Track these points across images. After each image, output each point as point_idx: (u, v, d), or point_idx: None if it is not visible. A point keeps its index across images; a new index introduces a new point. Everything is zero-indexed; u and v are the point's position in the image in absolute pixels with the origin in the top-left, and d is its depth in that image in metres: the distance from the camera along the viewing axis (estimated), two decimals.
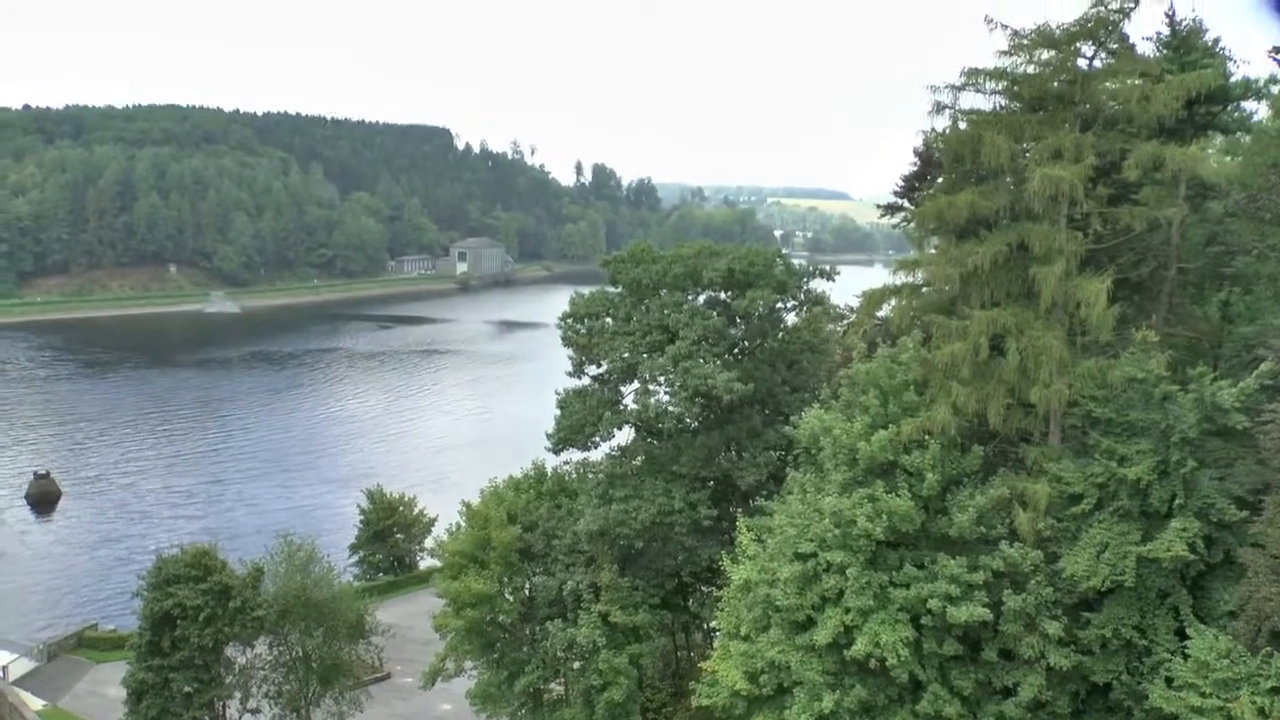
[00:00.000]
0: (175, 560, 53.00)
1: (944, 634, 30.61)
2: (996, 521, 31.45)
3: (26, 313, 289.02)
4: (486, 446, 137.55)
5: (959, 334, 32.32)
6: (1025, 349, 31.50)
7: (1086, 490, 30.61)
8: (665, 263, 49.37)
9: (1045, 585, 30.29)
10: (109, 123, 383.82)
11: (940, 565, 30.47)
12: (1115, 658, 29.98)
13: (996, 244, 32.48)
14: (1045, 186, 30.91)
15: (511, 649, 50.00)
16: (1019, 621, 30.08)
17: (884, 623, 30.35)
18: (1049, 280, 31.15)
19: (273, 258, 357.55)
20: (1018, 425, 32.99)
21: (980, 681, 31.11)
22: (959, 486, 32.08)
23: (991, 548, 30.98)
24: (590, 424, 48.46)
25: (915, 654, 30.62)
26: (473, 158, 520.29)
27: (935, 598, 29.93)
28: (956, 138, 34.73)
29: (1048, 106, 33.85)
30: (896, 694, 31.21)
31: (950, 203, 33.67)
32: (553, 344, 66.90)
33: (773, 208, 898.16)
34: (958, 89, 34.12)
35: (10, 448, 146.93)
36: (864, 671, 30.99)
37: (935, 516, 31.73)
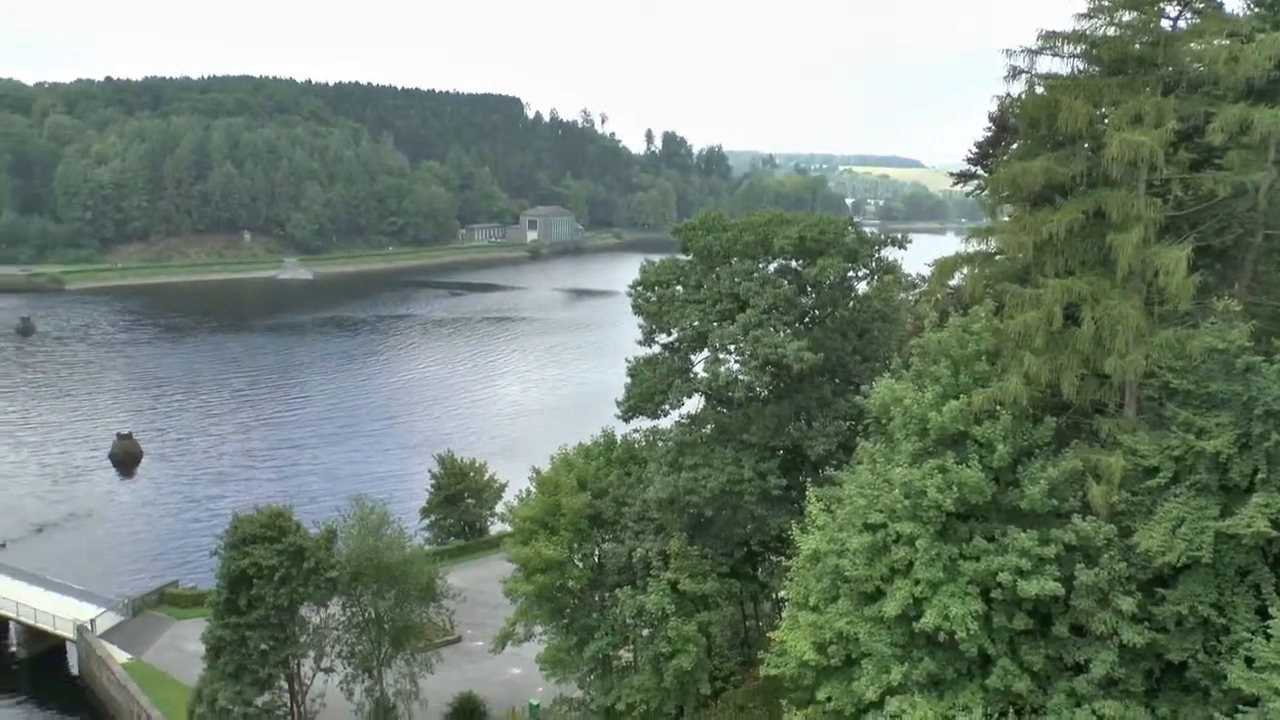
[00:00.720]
0: (251, 521, 53.84)
1: (1014, 608, 30.21)
2: (1069, 494, 30.91)
3: (108, 278, 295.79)
4: (556, 413, 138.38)
5: (1032, 303, 31.74)
6: (1100, 318, 30.83)
7: (1163, 463, 29.94)
8: (736, 231, 49.11)
9: (1119, 560, 29.67)
10: (185, 94, 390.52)
11: (1011, 538, 30.05)
12: (1191, 636, 29.30)
13: (1072, 211, 31.80)
14: (1124, 152, 30.13)
15: (581, 615, 50.34)
16: (1091, 597, 29.55)
17: (953, 595, 30.04)
18: (1126, 248, 30.44)
19: (344, 225, 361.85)
20: (1091, 396, 32.34)
21: (1051, 657, 30.69)
22: (1030, 458, 31.59)
23: (1063, 521, 30.47)
24: (660, 392, 48.51)
25: (985, 628, 30.29)
26: (543, 126, 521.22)
27: (1006, 571, 29.55)
28: (1032, 103, 34.02)
29: (1128, 70, 32.96)
30: (965, 668, 30.93)
31: (1025, 169, 33.01)
32: (623, 312, 66.95)
33: (844, 175, 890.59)
34: (1034, 53, 33.40)
35: (94, 408, 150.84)
36: (933, 644, 30.75)
37: (1006, 488, 31.31)
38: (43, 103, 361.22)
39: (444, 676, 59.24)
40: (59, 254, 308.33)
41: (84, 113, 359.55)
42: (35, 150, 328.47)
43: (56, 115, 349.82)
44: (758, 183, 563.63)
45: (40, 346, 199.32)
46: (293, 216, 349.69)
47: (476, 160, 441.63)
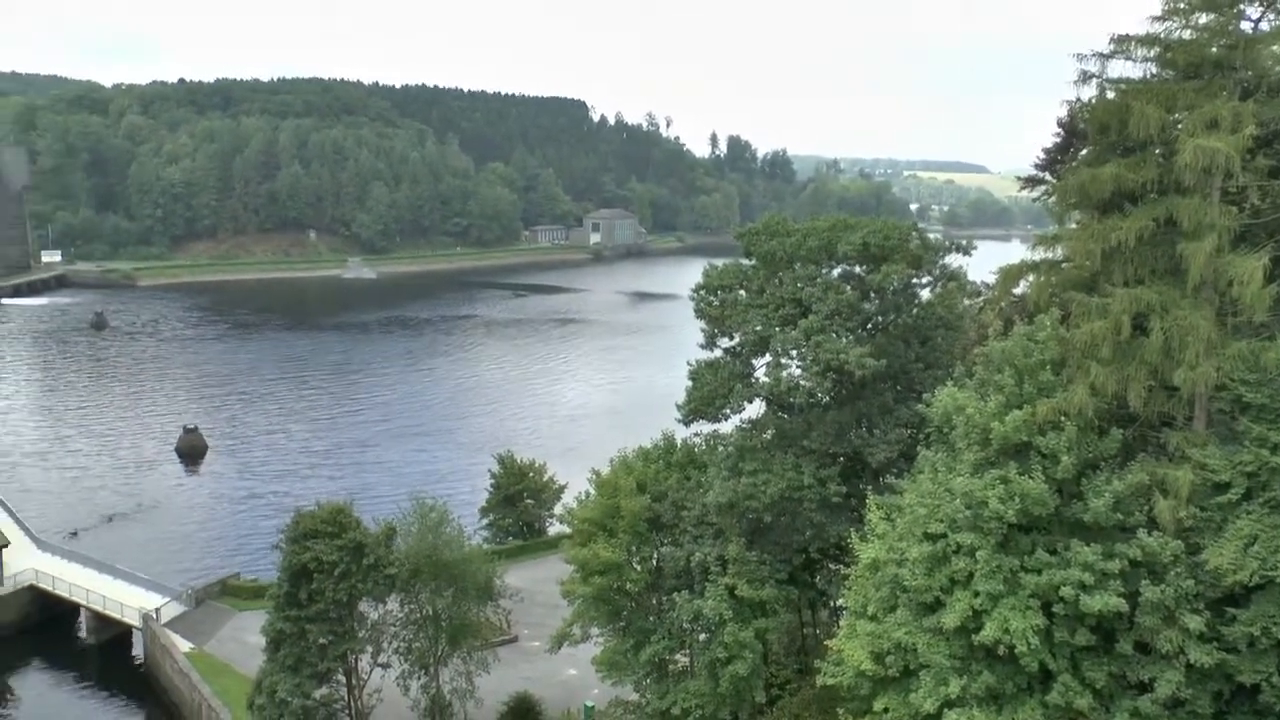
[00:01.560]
0: (312, 516, 54.35)
1: (1076, 623, 29.63)
2: (1135, 508, 30.27)
3: (177, 274, 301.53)
4: (616, 416, 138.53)
5: (1099, 312, 31.19)
6: (1170, 329, 30.20)
7: (1234, 479, 29.24)
8: (800, 235, 48.84)
9: (1186, 577, 28.95)
10: (255, 95, 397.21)
11: (1074, 552, 29.48)
12: (1264, 658, 28.43)
13: (1142, 219, 31.20)
14: (1198, 158, 29.47)
15: (638, 618, 50.30)
16: (1157, 614, 28.88)
17: (1014, 608, 29.56)
18: (1198, 257, 29.78)
19: (409, 226, 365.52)
20: (1160, 408, 31.67)
21: (1114, 674, 30.06)
22: (1095, 471, 31.00)
23: (1129, 536, 29.85)
24: (721, 396, 48.34)
25: (1046, 642, 29.77)
26: (608, 129, 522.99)
27: (1068, 585, 28.99)
28: (1103, 108, 33.44)
29: (1204, 74, 32.27)
30: (1025, 683, 30.42)
31: (1094, 176, 32.46)
32: (685, 315, 66.85)
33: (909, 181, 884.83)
34: (1105, 57, 32.84)
35: (162, 402, 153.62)
36: (992, 658, 30.29)
37: (1070, 501, 30.76)
38: (119, 104, 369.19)
39: (500, 675, 59.46)
40: (131, 251, 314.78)
41: (158, 113, 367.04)
42: (111, 150, 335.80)
43: (132, 116, 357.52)
44: (822, 187, 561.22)
45: (112, 341, 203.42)
46: (358, 216, 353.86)
47: (541, 162, 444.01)
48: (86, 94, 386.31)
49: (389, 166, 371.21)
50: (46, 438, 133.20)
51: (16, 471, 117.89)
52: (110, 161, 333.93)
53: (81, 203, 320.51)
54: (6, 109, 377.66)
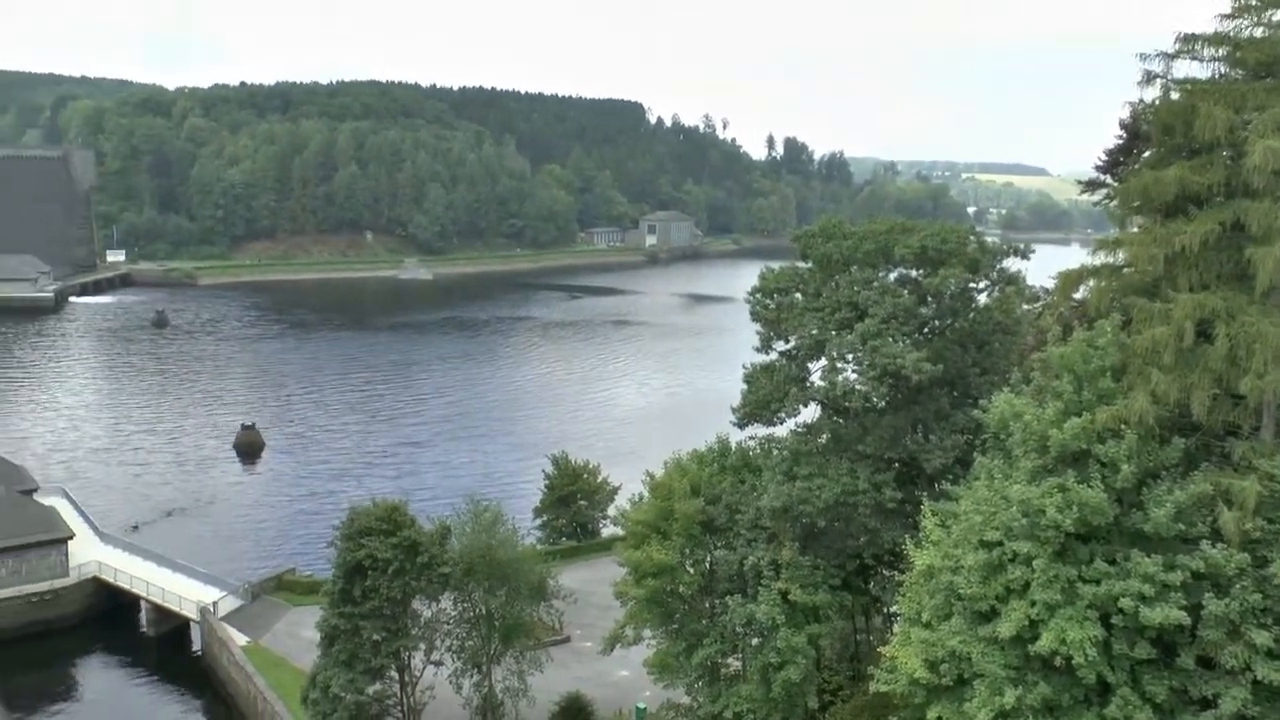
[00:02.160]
0: (367, 513, 54.84)
1: (1136, 635, 28.98)
2: (1198, 519, 29.56)
3: (237, 274, 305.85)
4: (671, 418, 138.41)
5: (1162, 318, 30.59)
6: (1236, 336, 29.53)
7: None
8: (856, 239, 48.51)
9: (1252, 591, 28.01)
10: (314, 98, 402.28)
11: (1134, 562, 28.85)
12: None
13: (1208, 223, 30.57)
14: (1268, 160, 28.77)
15: (690, 621, 50.20)
16: (1221, 628, 28.07)
17: (1071, 619, 29.03)
18: (1267, 262, 29.09)
19: (465, 227, 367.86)
20: (1224, 417, 30.92)
21: (1175, 689, 29.30)
22: (1157, 480, 30.36)
23: (1191, 547, 29.16)
24: (776, 400, 48.11)
25: (1104, 654, 29.20)
26: (664, 131, 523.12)
27: (1127, 596, 28.38)
28: (1167, 109, 32.81)
29: (1276, 73, 31.58)
30: (1083, 695, 29.86)
31: (1158, 178, 31.86)
32: (740, 318, 66.67)
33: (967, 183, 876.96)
34: (1171, 57, 32.20)
35: (220, 399, 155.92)
36: (1048, 668, 29.79)
37: (1129, 510, 30.17)
38: (182, 106, 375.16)
39: (552, 675, 59.58)
40: (192, 250, 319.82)
41: (219, 116, 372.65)
42: (174, 151, 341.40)
43: (194, 118, 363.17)
44: (879, 190, 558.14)
45: (173, 338, 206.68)
46: (415, 217, 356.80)
47: (597, 164, 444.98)
48: (151, 97, 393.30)
49: (446, 168, 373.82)
50: (109, 433, 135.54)
51: (81, 466, 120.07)
52: (173, 163, 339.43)
53: (145, 203, 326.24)
54: (76, 112, 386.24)
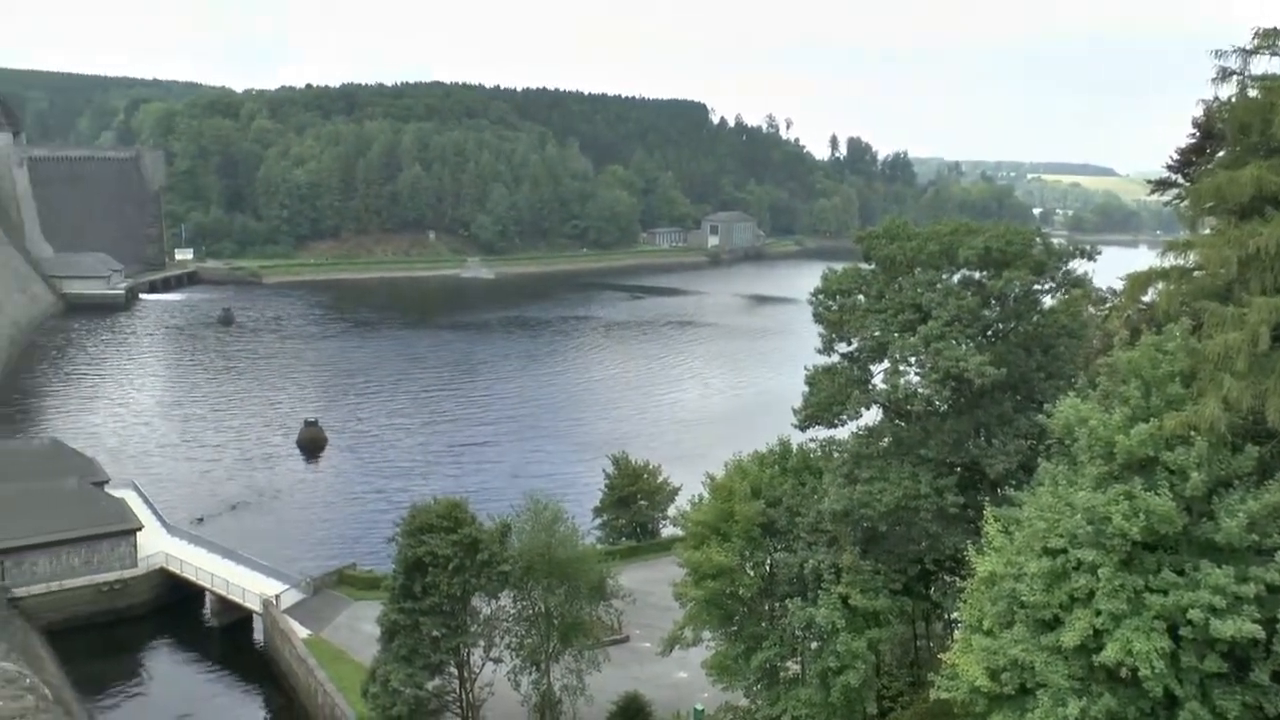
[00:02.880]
0: (428, 510, 55.30)
1: (1206, 648, 28.26)
2: (1273, 530, 28.79)
3: (301, 273, 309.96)
4: (731, 419, 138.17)
5: (1235, 322, 29.93)
6: None
7: None
8: (920, 240, 48.10)
9: None
10: (379, 99, 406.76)
11: (1204, 573, 28.18)
12: None
13: None
14: None
15: (750, 623, 50.03)
16: None
17: (1137, 630, 28.45)
18: None
19: (528, 227, 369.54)
20: None
21: (1249, 705, 28.50)
22: (1228, 489, 29.67)
23: (1265, 559, 28.41)
24: (838, 402, 47.84)
25: (1172, 666, 28.57)
26: (727, 132, 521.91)
27: (1197, 608, 27.70)
28: (1244, 106, 32.10)
29: None
30: (1149, 708, 29.23)
31: (1232, 178, 31.20)
32: (802, 319, 66.38)
33: (1032, 184, 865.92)
34: (1248, 53, 31.50)
35: (284, 395, 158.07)
36: (1113, 680, 29.22)
37: (1199, 520, 29.54)
38: (249, 108, 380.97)
39: (610, 675, 59.68)
40: (258, 249, 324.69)
41: (285, 117, 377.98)
42: (241, 152, 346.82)
43: (261, 120, 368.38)
44: (943, 190, 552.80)
45: (238, 336, 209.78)
46: (477, 218, 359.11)
47: (660, 165, 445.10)
48: (219, 100, 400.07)
49: (509, 168, 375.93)
50: (177, 428, 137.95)
51: (150, 460, 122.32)
52: (240, 163, 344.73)
53: (213, 203, 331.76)
54: (148, 115, 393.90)
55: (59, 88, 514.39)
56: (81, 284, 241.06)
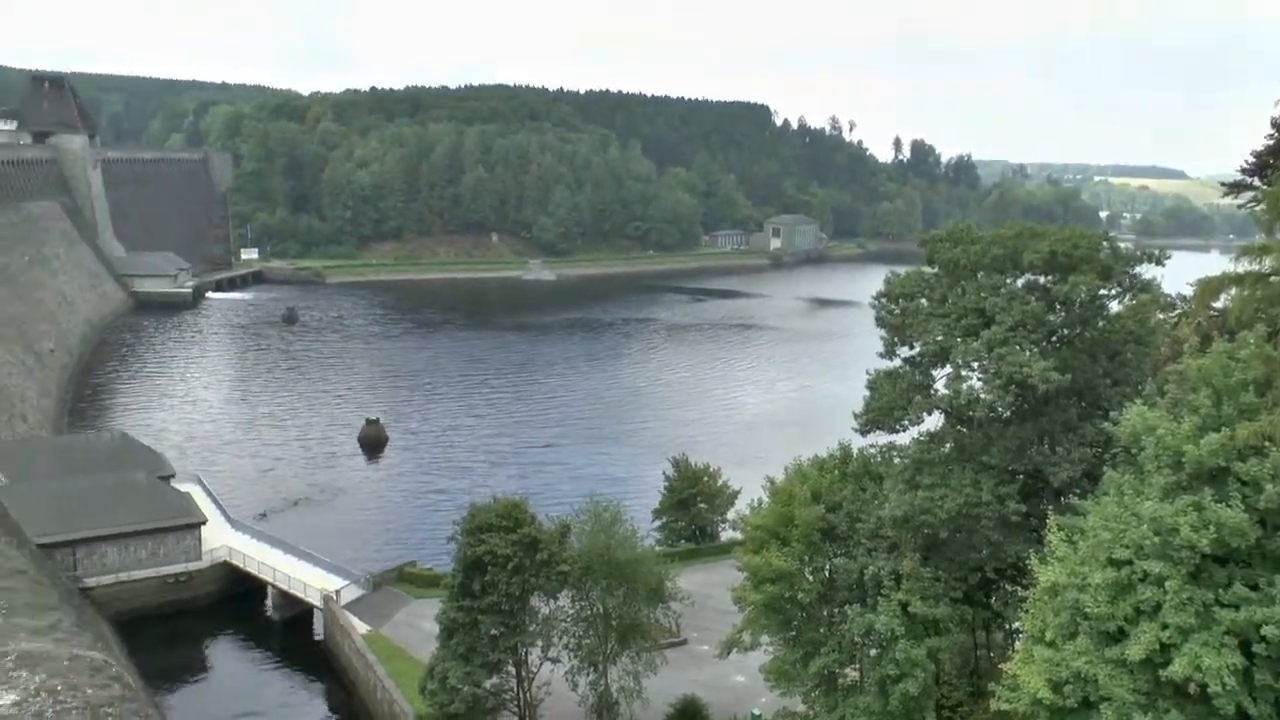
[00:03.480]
0: (488, 510, 55.58)
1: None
2: None
3: (363, 273, 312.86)
4: (792, 423, 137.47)
5: None
6: None
7: None
8: (984, 243, 47.61)
9: None
10: (443, 102, 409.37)
11: (1278, 588, 27.65)
12: None
13: None
14: None
15: (808, 629, 49.77)
16: None
17: (1207, 645, 27.83)
18: None
19: (589, 229, 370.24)
20: None
21: None
22: None
23: None
24: (899, 407, 47.49)
25: (1244, 683, 27.85)
26: (790, 134, 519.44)
27: (1271, 624, 27.05)
28: None
29: None
30: None
31: None
32: (864, 323, 65.88)
33: (1099, 187, 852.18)
34: None
35: (346, 394, 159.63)
36: (1181, 695, 28.60)
37: (1273, 533, 28.86)
38: (315, 111, 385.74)
39: (667, 677, 59.60)
40: (321, 250, 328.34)
41: (350, 120, 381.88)
42: (306, 154, 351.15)
43: (326, 123, 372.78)
44: (1007, 193, 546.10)
45: (302, 335, 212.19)
46: (539, 219, 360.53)
47: (723, 167, 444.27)
48: (286, 103, 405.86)
49: (571, 171, 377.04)
50: (241, 424, 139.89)
51: (214, 455, 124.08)
52: (305, 165, 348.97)
53: (278, 204, 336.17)
54: (216, 117, 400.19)
55: (134, 92, 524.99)
56: (150, 282, 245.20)
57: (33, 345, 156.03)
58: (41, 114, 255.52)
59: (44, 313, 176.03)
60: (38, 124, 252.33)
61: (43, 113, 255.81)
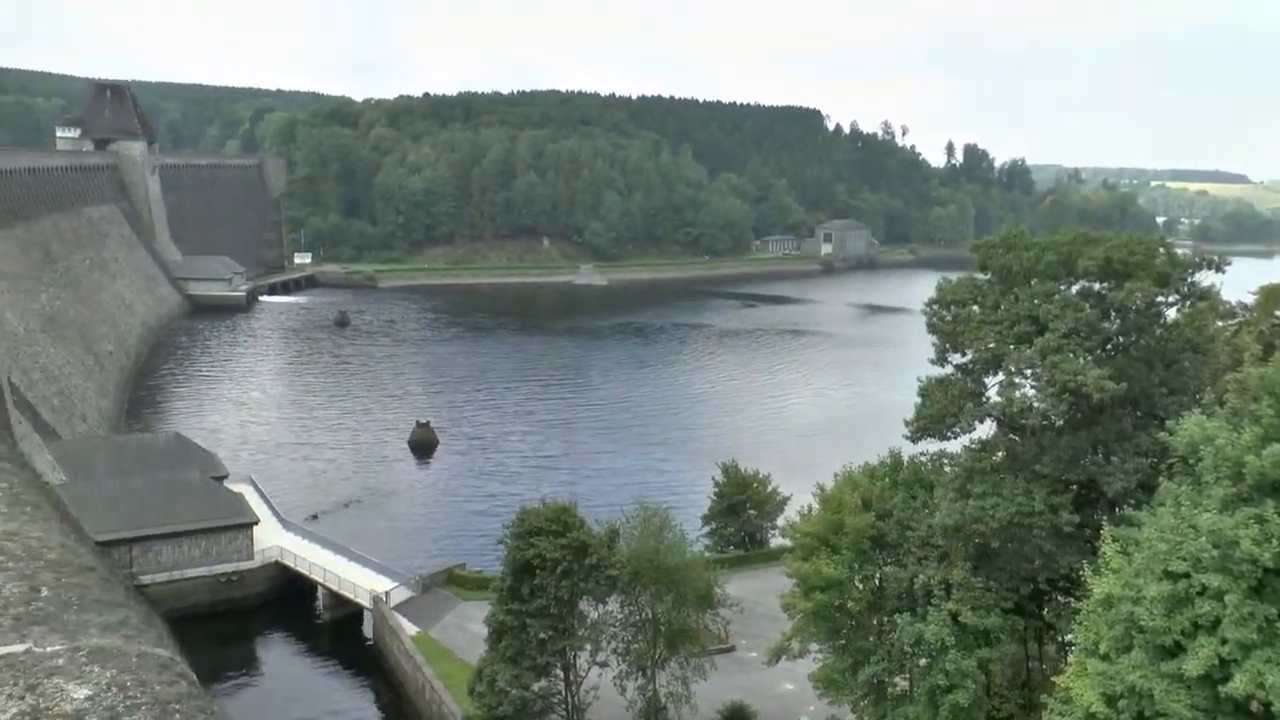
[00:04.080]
0: (537, 514, 55.78)
1: None
2: None
3: (415, 277, 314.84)
4: (842, 430, 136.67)
5: None
6: None
7: None
8: (1038, 250, 47.24)
9: None
10: (495, 107, 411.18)
11: None
12: None
13: None
14: None
15: (857, 637, 49.52)
16: None
17: (1270, 661, 27.27)
18: None
19: (640, 234, 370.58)
20: None
21: None
22: None
23: None
24: (951, 414, 47.16)
25: None
26: (842, 138, 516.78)
27: None
28: None
29: None
30: None
31: None
32: (915, 330, 65.50)
33: (1156, 191, 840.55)
34: None
35: (397, 397, 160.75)
36: (1242, 713, 28.01)
37: None
38: (368, 117, 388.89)
39: (716, 683, 59.48)
40: (373, 254, 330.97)
41: (403, 125, 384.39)
42: (359, 160, 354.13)
43: (379, 128, 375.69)
44: (1061, 199, 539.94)
45: (353, 338, 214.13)
46: (590, 224, 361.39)
47: (774, 172, 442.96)
48: (339, 109, 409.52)
49: (623, 176, 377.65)
50: (293, 426, 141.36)
51: (267, 456, 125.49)
52: (358, 171, 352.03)
53: (331, 209, 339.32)
54: (271, 123, 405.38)
55: (191, 99, 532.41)
56: (205, 286, 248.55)
57: (92, 346, 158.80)
58: (103, 121, 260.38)
59: (103, 315, 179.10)
60: (100, 131, 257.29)
61: (104, 120, 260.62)
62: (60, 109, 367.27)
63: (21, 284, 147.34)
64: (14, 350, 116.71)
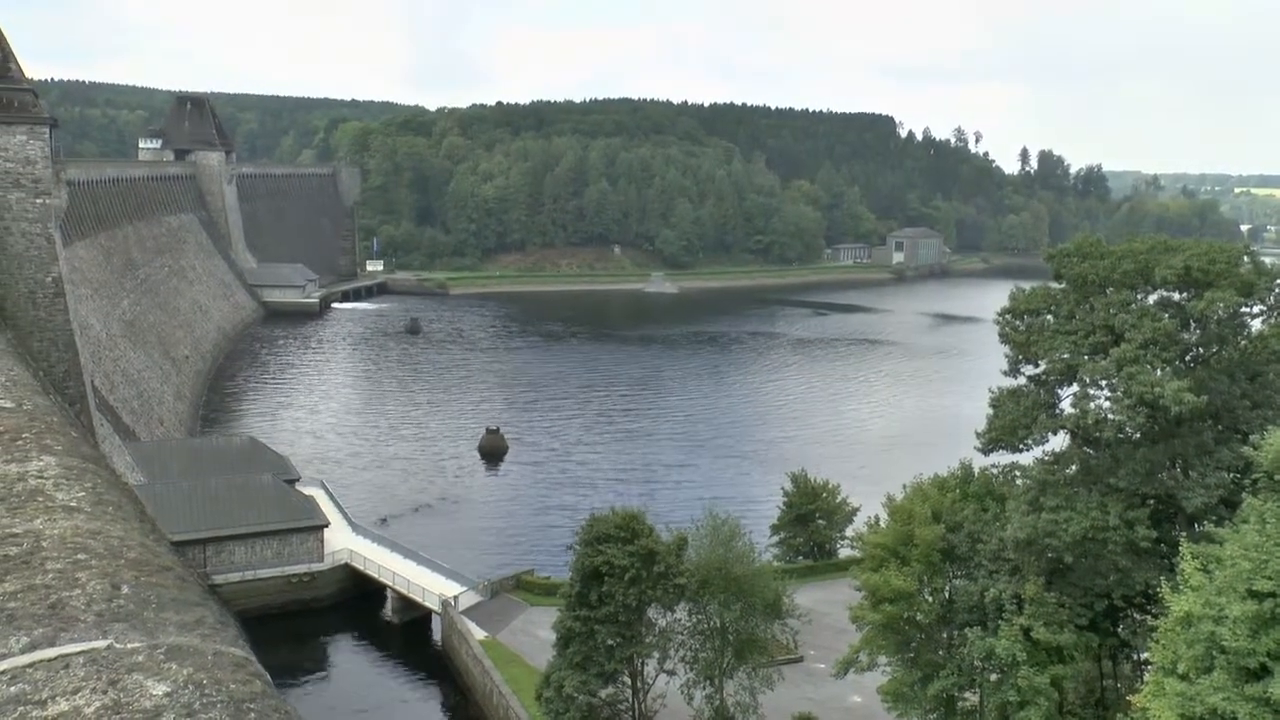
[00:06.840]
0: (606, 520, 55.79)
1: None
2: None
3: (486, 285, 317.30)
4: (912, 440, 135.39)
5: None
6: None
7: None
8: (1114, 258, 46.45)
9: None
10: (567, 116, 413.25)
11: None
12: None
13: None
14: None
15: (927, 650, 48.96)
16: None
17: None
18: None
19: (711, 242, 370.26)
20: None
21: None
22: None
23: None
24: (1023, 426, 46.55)
25: None
26: (914, 146, 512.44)
27: None
28: None
29: None
30: None
31: None
32: (987, 340, 64.69)
33: (1240, 198, 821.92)
34: None
35: (468, 403, 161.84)
36: None
37: None
38: (441, 126, 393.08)
39: (783, 694, 59.05)
40: (445, 261, 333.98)
41: (475, 134, 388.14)
42: (432, 168, 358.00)
43: (452, 137, 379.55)
44: (1139, 206, 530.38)
45: (425, 345, 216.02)
46: (662, 232, 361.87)
47: (846, 179, 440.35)
48: (413, 118, 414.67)
49: (695, 184, 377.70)
50: (364, 431, 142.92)
51: (338, 460, 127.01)
52: (430, 179, 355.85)
53: (403, 217, 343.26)
54: (345, 133, 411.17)
55: (268, 109, 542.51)
56: (279, 293, 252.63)
57: (170, 351, 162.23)
58: (183, 132, 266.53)
59: (181, 320, 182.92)
60: (180, 142, 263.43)
61: (184, 131, 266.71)
62: (143, 121, 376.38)
63: (105, 290, 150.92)
64: (97, 354, 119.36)
